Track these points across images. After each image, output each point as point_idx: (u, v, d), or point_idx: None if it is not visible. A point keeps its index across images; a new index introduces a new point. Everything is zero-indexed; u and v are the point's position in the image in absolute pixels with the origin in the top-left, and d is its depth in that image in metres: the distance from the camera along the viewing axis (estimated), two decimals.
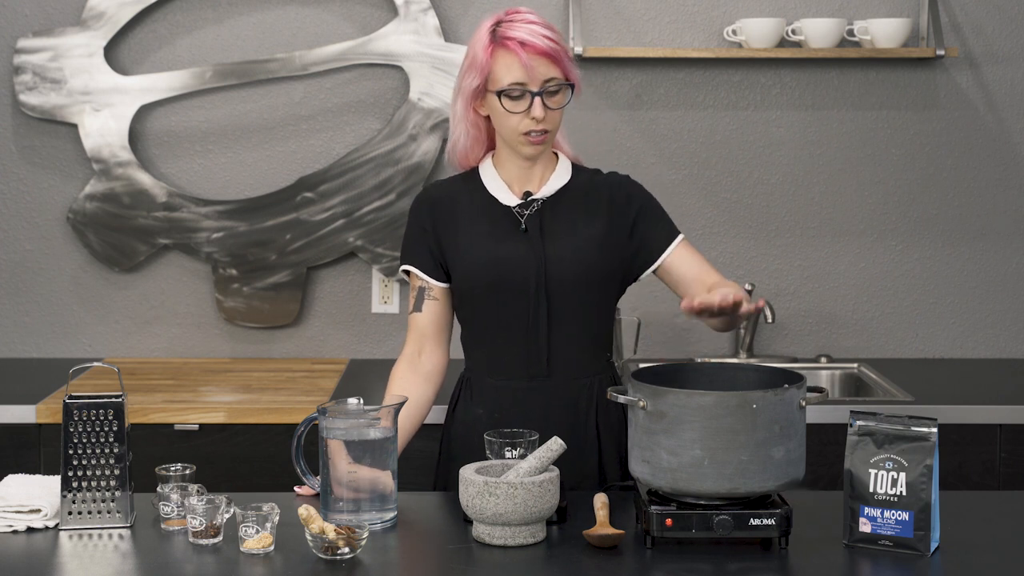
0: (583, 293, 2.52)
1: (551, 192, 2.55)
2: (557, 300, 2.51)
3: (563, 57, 2.44)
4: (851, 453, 2.16)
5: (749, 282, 3.75)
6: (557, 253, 2.50)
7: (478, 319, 2.56)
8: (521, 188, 2.55)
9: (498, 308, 2.52)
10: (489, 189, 2.56)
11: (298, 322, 3.79)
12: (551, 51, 2.42)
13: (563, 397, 2.54)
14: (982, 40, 3.74)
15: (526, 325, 2.51)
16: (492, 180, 2.56)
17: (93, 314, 3.78)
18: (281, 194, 3.73)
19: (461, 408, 2.61)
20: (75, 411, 2.25)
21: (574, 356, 2.54)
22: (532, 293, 2.50)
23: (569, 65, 2.46)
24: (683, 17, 3.74)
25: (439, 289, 2.57)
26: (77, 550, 2.16)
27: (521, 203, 2.54)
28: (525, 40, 2.42)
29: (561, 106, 2.46)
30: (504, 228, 2.53)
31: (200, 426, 3.20)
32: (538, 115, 2.43)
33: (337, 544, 2.06)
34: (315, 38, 3.73)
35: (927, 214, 3.81)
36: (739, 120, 3.77)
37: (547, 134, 2.47)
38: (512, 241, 2.51)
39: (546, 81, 2.43)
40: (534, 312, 2.51)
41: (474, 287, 2.52)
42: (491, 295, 2.52)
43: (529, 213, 2.53)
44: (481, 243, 2.52)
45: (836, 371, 3.73)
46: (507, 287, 2.50)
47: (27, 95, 3.66)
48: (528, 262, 2.50)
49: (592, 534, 2.14)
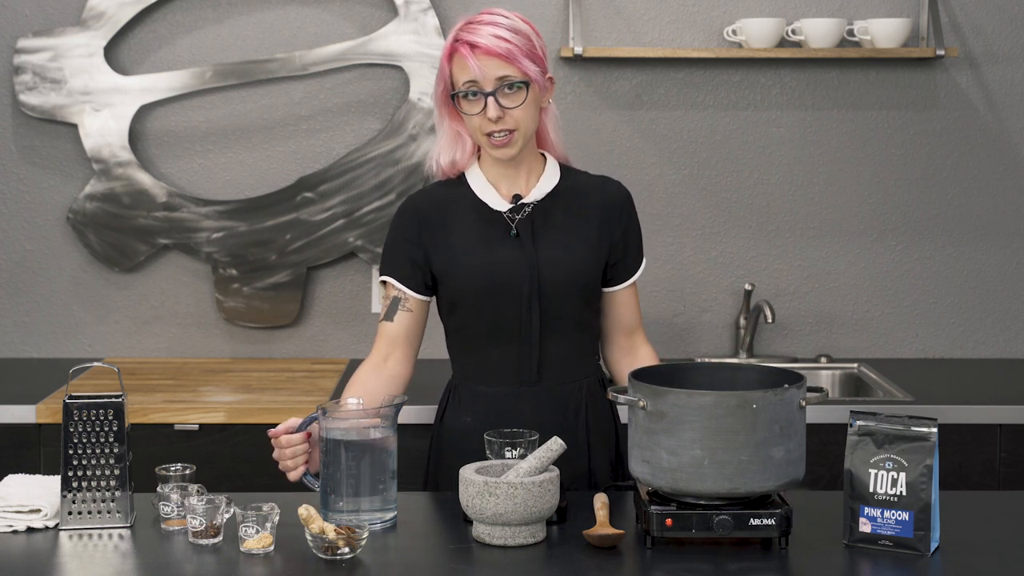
0: (575, 296, 2.51)
1: (541, 196, 2.53)
2: (549, 304, 2.49)
3: (517, 55, 2.39)
4: (851, 453, 2.16)
5: (749, 282, 3.75)
6: (549, 257, 2.49)
7: (469, 326, 2.54)
8: (509, 190, 2.53)
9: (490, 314, 2.50)
10: (477, 193, 2.53)
11: (298, 322, 3.79)
12: (501, 51, 2.38)
13: (553, 402, 2.53)
14: (982, 40, 3.74)
15: (518, 331, 2.50)
16: (479, 184, 2.54)
17: (93, 314, 3.78)
18: (281, 194, 3.73)
19: (450, 416, 2.59)
20: (75, 411, 2.25)
21: (565, 360, 2.53)
22: (525, 298, 2.48)
23: (526, 63, 2.40)
24: (683, 17, 3.74)
25: (415, 301, 2.55)
26: (77, 550, 2.16)
27: (511, 207, 2.52)
28: (475, 42, 2.40)
29: (518, 105, 2.42)
30: (495, 233, 2.50)
31: (200, 426, 3.20)
32: (491, 115, 2.41)
33: (337, 544, 2.06)
34: (315, 38, 3.73)
35: (927, 214, 3.81)
36: (739, 120, 3.77)
37: (512, 134, 2.43)
38: (504, 246, 2.49)
39: (499, 79, 2.41)
40: (526, 317, 2.49)
41: (466, 293, 2.50)
42: (483, 301, 2.50)
43: (520, 218, 2.51)
44: (472, 249, 2.50)
45: (836, 371, 3.74)
46: (499, 293, 2.48)
47: (27, 95, 3.66)
48: (520, 267, 2.48)
49: (592, 534, 2.14)
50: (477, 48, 2.40)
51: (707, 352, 3.81)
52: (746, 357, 3.75)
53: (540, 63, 2.45)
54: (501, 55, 2.39)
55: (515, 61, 2.40)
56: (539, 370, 2.52)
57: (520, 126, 2.44)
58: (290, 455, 2.34)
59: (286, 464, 2.36)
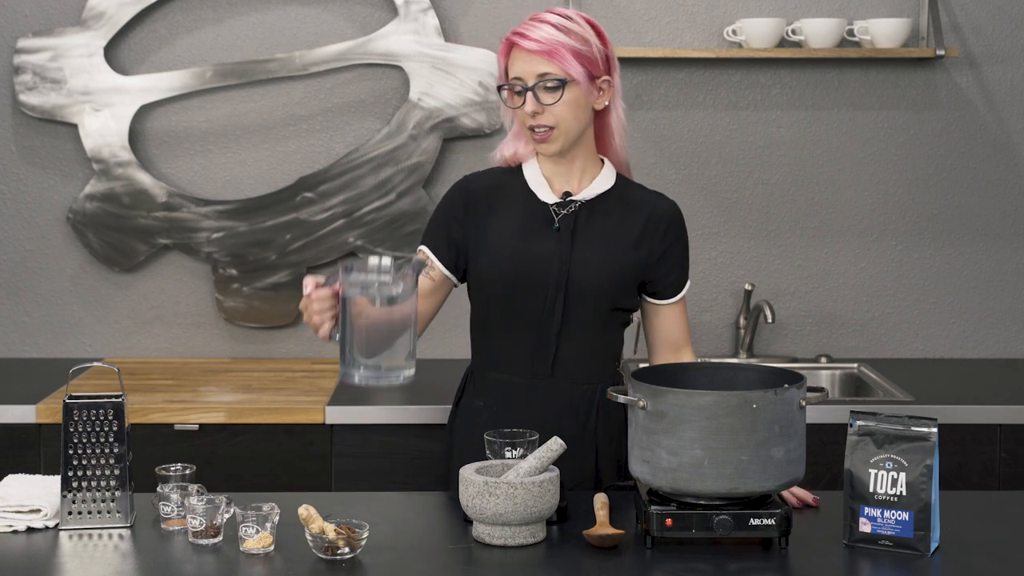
0: (601, 299, 2.53)
1: (591, 195, 2.56)
2: (573, 302, 2.52)
3: (562, 54, 2.43)
4: (851, 453, 2.16)
5: (749, 282, 3.75)
6: (584, 256, 2.51)
7: (492, 311, 2.57)
8: (561, 187, 2.57)
9: (513, 302, 2.53)
10: (529, 184, 2.57)
11: (298, 322, 3.79)
12: (544, 48, 2.43)
13: (564, 399, 2.54)
14: (982, 40, 3.74)
15: (538, 323, 2.52)
16: (533, 175, 2.58)
17: (93, 314, 3.78)
18: (281, 194, 3.73)
19: (465, 401, 2.63)
20: (75, 411, 2.25)
21: (580, 360, 2.55)
22: (551, 291, 2.51)
23: (569, 62, 2.44)
24: (683, 17, 3.74)
25: (439, 273, 2.58)
26: (77, 550, 2.16)
27: (558, 202, 2.55)
28: (524, 34, 2.46)
29: (555, 102, 2.45)
30: (536, 225, 2.54)
31: (200, 426, 3.20)
32: (527, 109, 2.45)
33: (337, 544, 2.06)
34: (315, 38, 3.73)
35: (927, 214, 3.81)
36: (739, 120, 3.77)
37: (552, 131, 2.47)
38: (541, 238, 2.53)
39: (539, 76, 2.45)
40: (548, 310, 2.51)
41: (494, 278, 2.54)
42: (509, 288, 2.53)
43: (565, 213, 2.54)
44: (510, 236, 2.53)
45: (836, 371, 3.74)
46: (526, 282, 2.51)
47: (27, 95, 3.66)
48: (552, 261, 2.51)
49: (592, 534, 2.14)
50: (523, 44, 2.46)
51: (707, 352, 3.81)
52: (746, 357, 3.75)
53: (591, 65, 2.48)
54: (543, 52, 2.44)
55: (558, 59, 2.44)
56: (553, 365, 2.54)
57: (560, 124, 2.47)
58: (317, 309, 2.24)
59: (313, 320, 2.26)
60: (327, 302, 2.23)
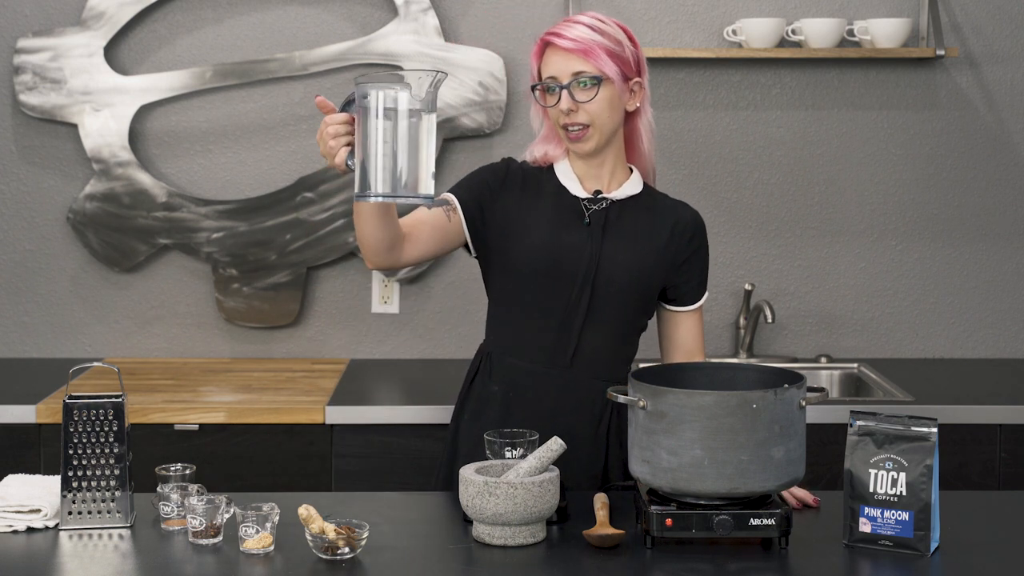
0: (627, 297, 2.55)
1: (622, 196, 2.58)
2: (599, 297, 2.53)
3: (596, 52, 2.47)
4: (851, 453, 2.16)
5: (749, 282, 3.75)
6: (613, 252, 2.53)
7: (517, 297, 2.57)
8: (591, 186, 2.59)
9: (540, 291, 2.54)
10: (561, 180, 2.59)
11: (298, 322, 3.79)
12: (579, 47, 2.46)
13: (581, 392, 2.55)
14: (982, 40, 3.74)
15: (563, 314, 2.53)
16: (565, 172, 2.60)
17: (93, 314, 3.78)
18: (281, 194, 3.73)
19: (479, 383, 2.62)
20: (75, 411, 2.25)
21: (599, 355, 2.56)
22: (579, 284, 2.52)
23: (603, 60, 2.47)
24: (683, 17, 3.74)
25: (457, 219, 2.56)
26: (77, 550, 2.16)
27: (589, 197, 2.57)
28: (559, 33, 2.49)
29: (590, 99, 2.47)
30: (567, 218, 2.56)
31: (200, 426, 3.20)
32: (563, 106, 2.48)
33: (337, 544, 2.06)
34: (315, 38, 3.73)
35: (927, 214, 3.81)
36: (739, 120, 3.77)
37: (587, 129, 2.50)
38: (572, 231, 2.54)
39: (574, 74, 2.47)
40: (574, 303, 2.53)
41: (523, 266, 2.54)
42: (538, 277, 2.53)
43: (595, 209, 2.56)
44: (542, 226, 2.55)
45: (836, 371, 3.73)
46: (556, 273, 2.53)
47: (27, 95, 3.66)
48: (583, 254, 2.53)
49: (592, 534, 2.14)
50: (558, 43, 2.48)
51: (707, 352, 3.80)
52: (746, 357, 3.75)
53: (624, 66, 2.50)
54: (578, 51, 2.47)
55: (592, 57, 2.47)
56: (573, 357, 2.54)
57: (595, 121, 2.50)
58: (332, 133, 2.22)
59: (328, 145, 2.23)
60: (342, 128, 2.22)
